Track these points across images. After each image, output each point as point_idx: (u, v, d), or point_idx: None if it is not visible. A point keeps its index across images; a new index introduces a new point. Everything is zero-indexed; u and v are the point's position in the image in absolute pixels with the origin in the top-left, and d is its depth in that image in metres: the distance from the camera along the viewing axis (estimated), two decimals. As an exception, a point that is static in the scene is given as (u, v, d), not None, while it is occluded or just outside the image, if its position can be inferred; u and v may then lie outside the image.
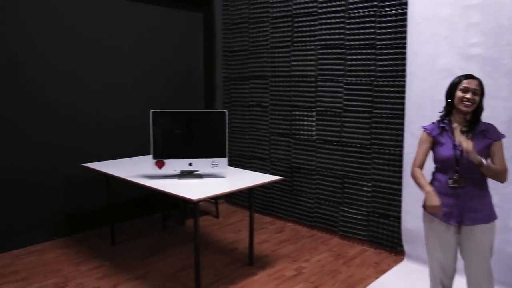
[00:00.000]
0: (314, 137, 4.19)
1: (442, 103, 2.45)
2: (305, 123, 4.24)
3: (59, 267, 3.46)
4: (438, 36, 3.21)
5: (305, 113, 4.23)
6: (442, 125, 2.38)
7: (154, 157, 3.23)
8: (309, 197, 4.31)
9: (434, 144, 2.38)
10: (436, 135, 2.37)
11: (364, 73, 3.76)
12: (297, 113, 4.30)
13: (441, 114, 2.41)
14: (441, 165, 2.35)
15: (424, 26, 3.27)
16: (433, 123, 2.44)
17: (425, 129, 2.43)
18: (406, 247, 3.56)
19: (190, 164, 3.25)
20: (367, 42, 3.71)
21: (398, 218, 3.66)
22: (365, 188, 3.86)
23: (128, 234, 4.20)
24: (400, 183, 3.62)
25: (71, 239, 4.07)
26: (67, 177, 4.08)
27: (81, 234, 4.20)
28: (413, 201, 3.42)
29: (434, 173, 2.42)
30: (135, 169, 3.54)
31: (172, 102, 4.78)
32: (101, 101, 4.25)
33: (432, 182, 2.41)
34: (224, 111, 3.28)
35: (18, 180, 3.79)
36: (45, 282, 3.21)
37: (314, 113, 4.16)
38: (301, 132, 4.29)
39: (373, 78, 3.70)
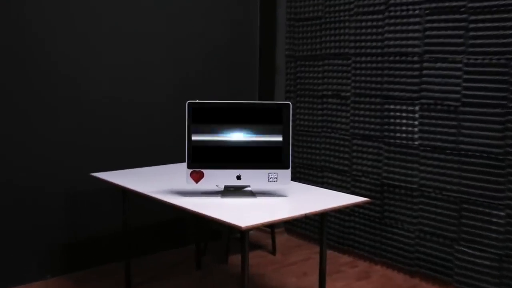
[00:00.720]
0: (416, 142, 4.08)
1: None
2: (404, 121, 4.15)
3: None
4: None
5: (404, 108, 4.14)
6: None
7: (189, 166, 3.21)
8: (408, 229, 4.19)
9: None
10: None
11: (496, 49, 3.58)
12: (392, 107, 4.22)
13: None
14: None
15: None
16: None
17: None
18: None
19: (238, 177, 3.23)
20: (502, 2, 3.52)
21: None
22: (496, 219, 3.66)
23: (150, 274, 4.27)
24: (552, 214, 3.42)
25: (71, 279, 4.15)
26: (68, 192, 4.15)
27: (85, 271, 4.28)
28: None
29: None
30: (162, 182, 3.58)
31: (215, 91, 4.88)
32: (118, 88, 4.33)
33: None
34: (287, 104, 3.23)
35: (1, 197, 3.86)
36: None
37: (417, 108, 4.06)
38: (397, 135, 4.20)
39: (510, 56, 3.52)
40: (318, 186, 3.85)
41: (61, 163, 4.06)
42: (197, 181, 3.21)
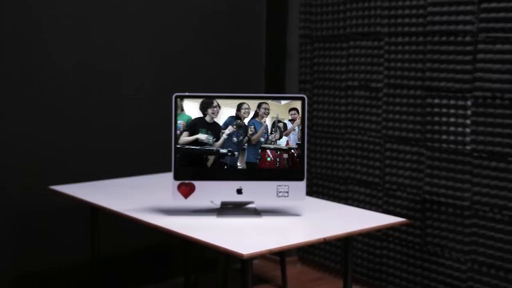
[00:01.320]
0: (468, 147, 4.05)
1: None
2: (452, 120, 4.12)
3: None
4: None
5: (452, 102, 4.12)
6: None
7: (176, 177, 3.21)
8: (457, 259, 4.16)
9: None
10: None
11: None
12: (437, 101, 4.20)
13: None
14: None
15: None
16: None
17: None
18: None
19: (239, 191, 3.22)
20: None
21: None
22: None
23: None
24: None
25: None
26: (20, 210, 4.14)
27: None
28: None
29: None
30: (142, 198, 3.61)
31: (210, 81, 4.92)
32: (86, 78, 4.36)
33: None
34: (301, 97, 3.25)
35: None
36: None
37: (469, 102, 4.03)
38: (444, 137, 4.18)
39: None
40: (341, 203, 3.90)
41: (11, 172, 4.06)
42: (186, 196, 3.19)
